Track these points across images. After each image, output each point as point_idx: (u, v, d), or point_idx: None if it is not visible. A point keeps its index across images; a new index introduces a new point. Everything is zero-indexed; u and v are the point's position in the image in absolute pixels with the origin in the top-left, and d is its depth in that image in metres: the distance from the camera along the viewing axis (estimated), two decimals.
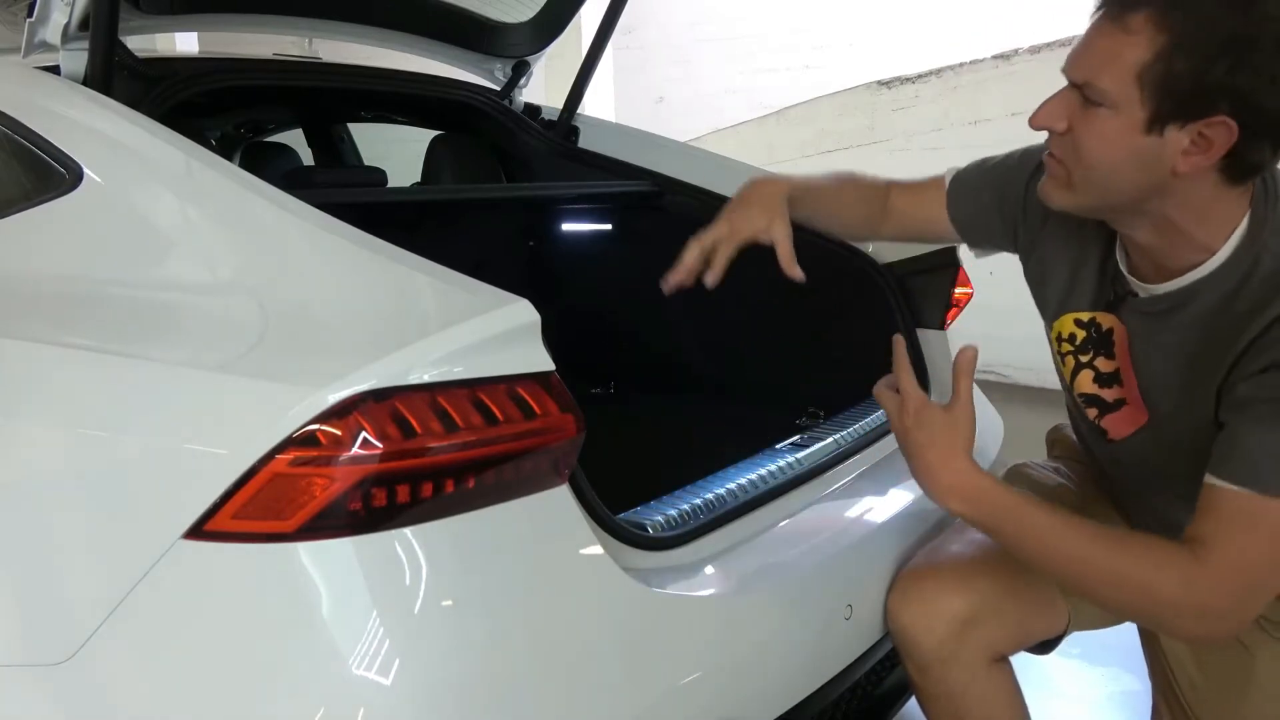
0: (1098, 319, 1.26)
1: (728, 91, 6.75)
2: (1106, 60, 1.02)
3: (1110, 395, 1.27)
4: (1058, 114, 1.08)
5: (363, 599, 0.92)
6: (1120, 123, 1.03)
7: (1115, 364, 1.25)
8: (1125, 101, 1.01)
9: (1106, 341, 1.26)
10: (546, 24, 2.34)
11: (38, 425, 1.13)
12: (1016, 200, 1.36)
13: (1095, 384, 1.28)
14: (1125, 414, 1.26)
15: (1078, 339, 1.29)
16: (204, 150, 1.26)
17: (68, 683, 1.00)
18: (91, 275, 1.25)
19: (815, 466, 1.51)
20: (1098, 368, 1.28)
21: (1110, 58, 1.01)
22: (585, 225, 2.55)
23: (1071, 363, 1.31)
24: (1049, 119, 1.09)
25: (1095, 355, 1.27)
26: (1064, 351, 1.32)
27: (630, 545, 1.15)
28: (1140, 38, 0.99)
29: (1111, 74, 1.01)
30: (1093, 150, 1.06)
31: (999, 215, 1.39)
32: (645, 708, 1.07)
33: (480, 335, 0.95)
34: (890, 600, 1.33)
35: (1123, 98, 1.01)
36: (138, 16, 1.71)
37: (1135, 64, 1.00)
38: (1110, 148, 1.05)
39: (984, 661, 1.29)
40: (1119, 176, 1.07)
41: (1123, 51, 1.00)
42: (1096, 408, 1.29)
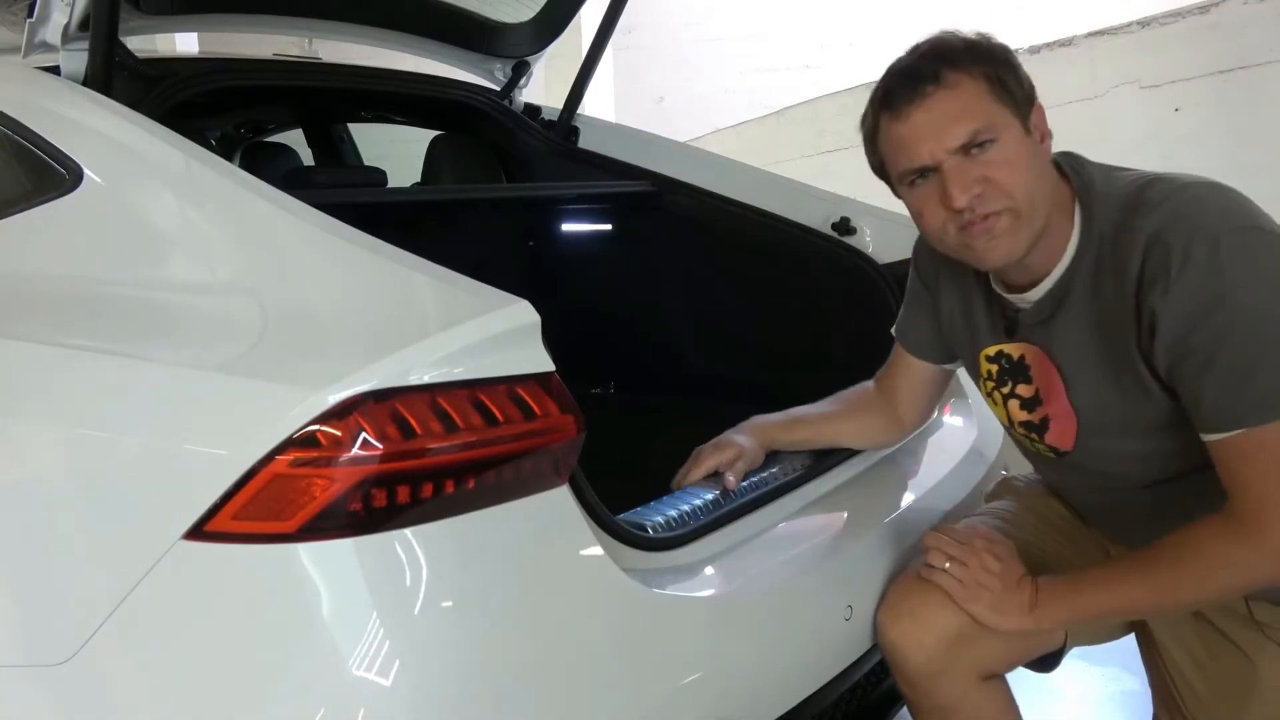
0: (1004, 350, 1.32)
1: (728, 91, 6.74)
2: (966, 110, 1.13)
3: (1037, 416, 1.31)
4: (965, 186, 1.14)
5: (363, 599, 0.92)
6: (1012, 140, 1.14)
7: (1033, 386, 1.30)
8: (1003, 122, 1.13)
9: (1020, 368, 1.31)
10: (546, 24, 2.34)
11: (38, 426, 1.13)
12: (921, 289, 1.46)
13: (1024, 410, 1.33)
14: (1057, 427, 1.29)
15: (994, 374, 1.35)
16: (204, 150, 1.26)
17: (68, 683, 1.00)
18: (91, 275, 1.25)
19: (815, 467, 1.51)
20: (1020, 395, 1.32)
21: (966, 107, 1.13)
22: (585, 225, 2.55)
23: (1000, 397, 1.36)
24: (964, 192, 1.14)
25: (1014, 384, 1.32)
26: (990, 390, 1.37)
27: (630, 546, 1.15)
28: (966, 80, 1.13)
29: (979, 112, 1.13)
30: (1017, 172, 1.14)
31: (926, 314, 1.46)
32: (645, 708, 1.07)
33: (480, 336, 0.95)
34: (880, 615, 1.32)
35: (999, 120, 1.13)
36: (138, 16, 1.71)
37: (985, 94, 1.13)
38: (1023, 164, 1.14)
39: (974, 677, 1.29)
40: (1040, 183, 1.16)
41: (971, 96, 1.13)
42: (1035, 432, 1.33)
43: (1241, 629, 1.25)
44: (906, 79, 1.15)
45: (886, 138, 1.19)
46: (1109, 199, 1.17)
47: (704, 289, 2.30)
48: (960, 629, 1.25)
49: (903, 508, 1.51)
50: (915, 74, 1.15)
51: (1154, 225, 1.10)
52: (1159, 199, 1.12)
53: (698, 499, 1.34)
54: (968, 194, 1.13)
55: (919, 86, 1.14)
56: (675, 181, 2.24)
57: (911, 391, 1.53)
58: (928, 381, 1.53)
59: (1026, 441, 1.37)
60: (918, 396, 1.54)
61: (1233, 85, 4.30)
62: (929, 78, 1.13)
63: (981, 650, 1.27)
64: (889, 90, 1.17)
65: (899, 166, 1.19)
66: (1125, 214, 1.15)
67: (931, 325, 1.46)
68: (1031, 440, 1.35)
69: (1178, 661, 1.32)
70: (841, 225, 2.01)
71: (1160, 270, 1.08)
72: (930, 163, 1.15)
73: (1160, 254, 1.09)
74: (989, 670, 1.31)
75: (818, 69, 6.37)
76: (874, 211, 2.02)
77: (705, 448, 1.44)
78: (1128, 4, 4.51)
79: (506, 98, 2.44)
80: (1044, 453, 1.34)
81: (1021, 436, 1.37)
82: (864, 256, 1.96)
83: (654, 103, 6.92)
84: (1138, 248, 1.11)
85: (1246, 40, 4.25)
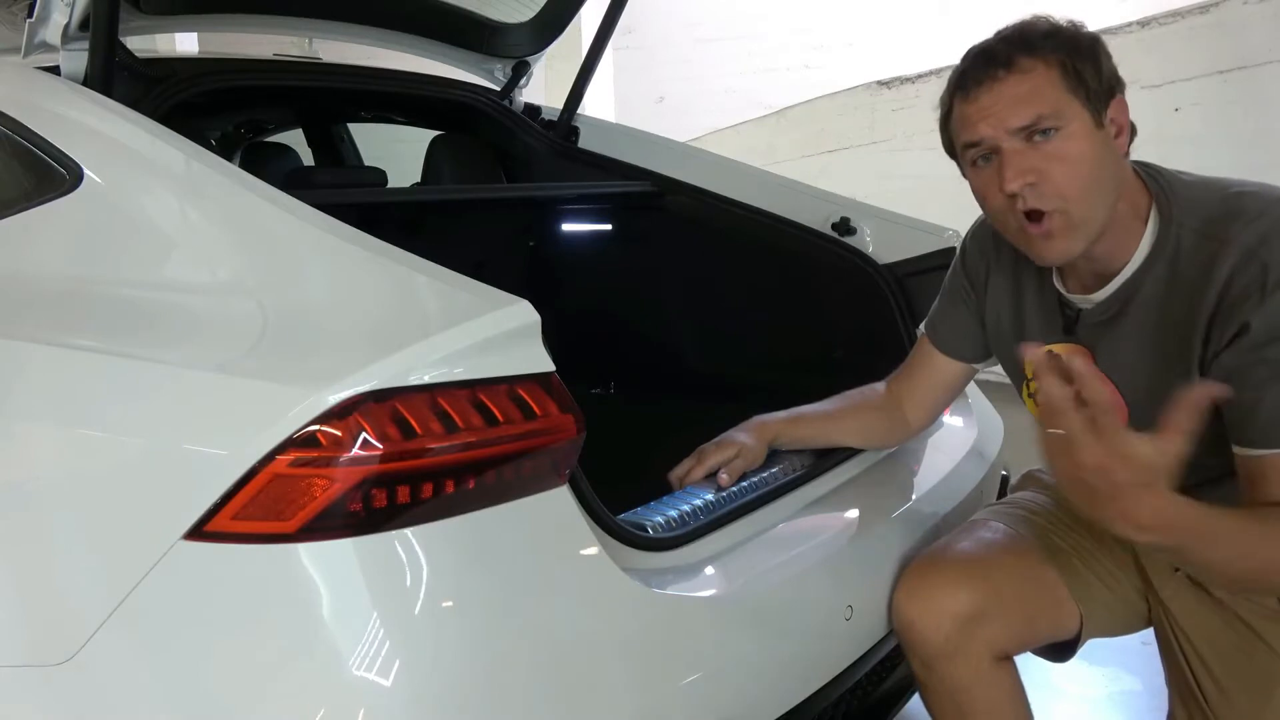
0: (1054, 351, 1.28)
1: (728, 91, 6.74)
2: (1035, 94, 1.11)
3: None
4: (1020, 171, 1.12)
5: (363, 600, 0.92)
6: (1078, 132, 1.12)
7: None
8: (1071, 112, 1.11)
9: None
10: (546, 24, 2.34)
11: (38, 426, 1.13)
12: (966, 289, 1.44)
13: None
14: None
15: None
16: (204, 151, 1.26)
17: (68, 683, 1.00)
18: (91, 275, 1.25)
19: (816, 467, 1.51)
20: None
21: (1036, 91, 1.11)
22: (585, 225, 2.55)
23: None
24: (1019, 178, 1.12)
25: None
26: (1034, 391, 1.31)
27: (630, 546, 1.15)
28: (1040, 67, 1.12)
29: (1048, 99, 1.11)
30: (1076, 169, 1.12)
31: (970, 313, 1.44)
32: (645, 708, 1.07)
33: (480, 336, 0.95)
34: (896, 596, 1.33)
35: (1068, 110, 1.11)
36: (138, 16, 1.71)
37: (1058, 81, 1.11)
38: (1086, 157, 1.12)
39: (989, 659, 1.29)
40: (1104, 179, 1.13)
41: (1041, 82, 1.11)
42: None
43: (1271, 624, 1.25)
44: (981, 61, 1.15)
45: (956, 117, 1.19)
46: (1191, 206, 1.16)
47: (704, 289, 2.30)
48: (975, 609, 1.26)
49: (903, 508, 1.51)
50: (990, 56, 1.15)
51: (1251, 238, 1.09)
52: (1256, 211, 1.11)
53: (698, 499, 1.34)
54: (1020, 180, 1.12)
55: (991, 69, 1.14)
56: (675, 181, 2.24)
57: (929, 391, 1.53)
58: (949, 381, 1.52)
59: None
60: (933, 396, 1.54)
61: (1233, 85, 4.30)
62: (1002, 61, 1.13)
63: (996, 630, 1.28)
64: (964, 71, 1.17)
65: (961, 141, 1.19)
66: (1212, 224, 1.13)
67: (972, 322, 1.44)
68: None
69: (1202, 655, 1.31)
70: (841, 225, 2.01)
71: (1255, 283, 1.07)
72: (990, 140, 1.14)
73: (1257, 268, 1.07)
74: (1003, 651, 1.31)
75: (818, 69, 6.37)
76: (874, 211, 2.02)
77: (707, 446, 1.45)
78: (1128, 4, 4.51)
79: (506, 98, 2.44)
80: None
81: None
82: (864, 256, 1.96)
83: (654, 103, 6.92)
84: (1228, 259, 1.09)
85: (1246, 40, 4.26)
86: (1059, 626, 1.36)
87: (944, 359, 1.50)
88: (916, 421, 1.56)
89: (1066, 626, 1.36)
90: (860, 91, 5.48)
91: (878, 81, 5.39)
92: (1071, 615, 1.36)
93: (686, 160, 2.28)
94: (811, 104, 5.72)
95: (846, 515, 1.50)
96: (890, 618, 1.35)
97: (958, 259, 1.48)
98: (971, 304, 1.45)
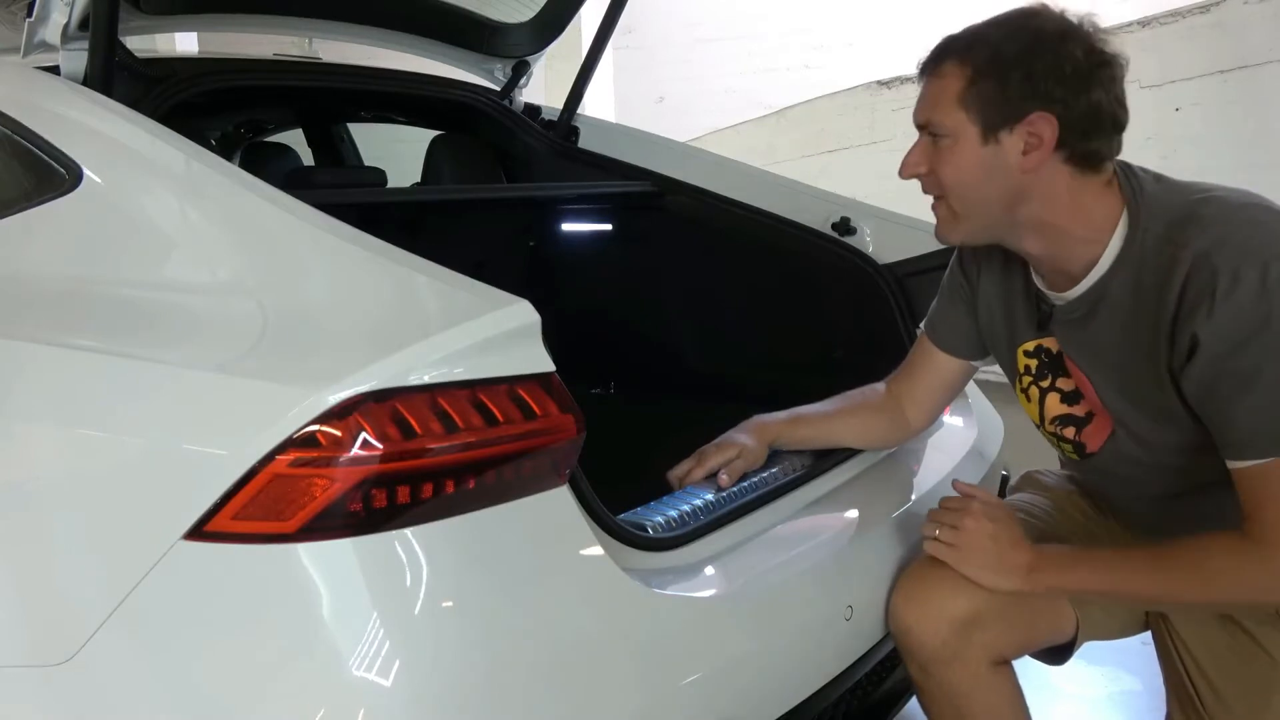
0: (1043, 344, 1.34)
1: (728, 91, 6.74)
2: (936, 100, 1.21)
3: (1081, 410, 1.32)
4: (917, 160, 1.25)
5: (363, 600, 0.92)
6: (962, 144, 1.20)
7: (1073, 381, 1.31)
8: (958, 125, 1.19)
9: (1059, 362, 1.32)
10: (546, 24, 2.34)
11: (38, 425, 1.13)
12: (961, 284, 1.47)
13: (1064, 404, 1.33)
14: (1096, 424, 1.31)
15: (1033, 368, 1.36)
16: (204, 150, 1.26)
17: (68, 683, 1.00)
18: (91, 275, 1.25)
19: (816, 467, 1.51)
20: (1060, 388, 1.33)
21: (938, 97, 1.21)
22: (585, 225, 2.55)
23: (1037, 392, 1.36)
24: (912, 166, 1.25)
25: (1054, 377, 1.33)
26: (1026, 386, 1.38)
27: (630, 546, 1.15)
28: (952, 76, 1.20)
29: (942, 108, 1.20)
30: (952, 175, 1.22)
31: (967, 310, 1.46)
32: (645, 708, 1.07)
33: (481, 336, 0.95)
34: (893, 600, 1.33)
35: (955, 123, 1.19)
36: (138, 16, 1.71)
37: (956, 94, 1.19)
38: (963, 167, 1.20)
39: (987, 663, 1.29)
40: (982, 190, 1.21)
41: (945, 89, 1.20)
42: (1073, 425, 1.33)
43: (1271, 632, 1.25)
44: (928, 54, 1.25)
45: None
46: (1156, 211, 1.17)
47: (704, 289, 2.30)
48: (973, 613, 1.26)
49: (903, 508, 1.51)
50: (931, 53, 1.24)
51: (1203, 245, 1.10)
52: (1211, 218, 1.12)
53: (698, 499, 1.34)
54: (911, 169, 1.25)
55: (925, 64, 1.25)
56: (675, 181, 2.24)
57: (929, 390, 1.53)
58: (949, 380, 1.53)
59: (1056, 440, 1.38)
60: (933, 396, 1.54)
61: (1233, 85, 4.30)
62: (931, 60, 1.23)
63: (993, 635, 1.28)
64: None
65: None
66: (1173, 229, 1.14)
67: (968, 319, 1.46)
68: (1062, 439, 1.35)
69: (1199, 661, 1.32)
70: (841, 225, 2.01)
71: (1205, 292, 1.08)
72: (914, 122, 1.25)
73: (1207, 275, 1.08)
74: (1000, 656, 1.31)
75: (817, 69, 6.37)
76: (874, 211, 2.03)
77: (708, 447, 1.45)
78: (1128, 4, 4.51)
79: (506, 98, 2.44)
80: (1069, 454, 1.35)
81: (1052, 434, 1.37)
82: (864, 256, 1.96)
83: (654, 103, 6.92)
84: (1183, 265, 1.11)
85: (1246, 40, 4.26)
86: (1056, 630, 1.36)
87: (944, 357, 1.50)
88: (917, 421, 1.56)
89: (1063, 630, 1.36)
90: (860, 91, 5.48)
91: (878, 81, 5.39)
92: (1068, 619, 1.36)
93: (686, 160, 2.28)
94: (811, 104, 5.72)
95: (846, 515, 1.50)
96: (888, 621, 1.34)
97: (955, 257, 1.50)
98: (968, 301, 1.46)
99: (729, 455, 1.42)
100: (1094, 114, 1.16)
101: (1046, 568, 1.23)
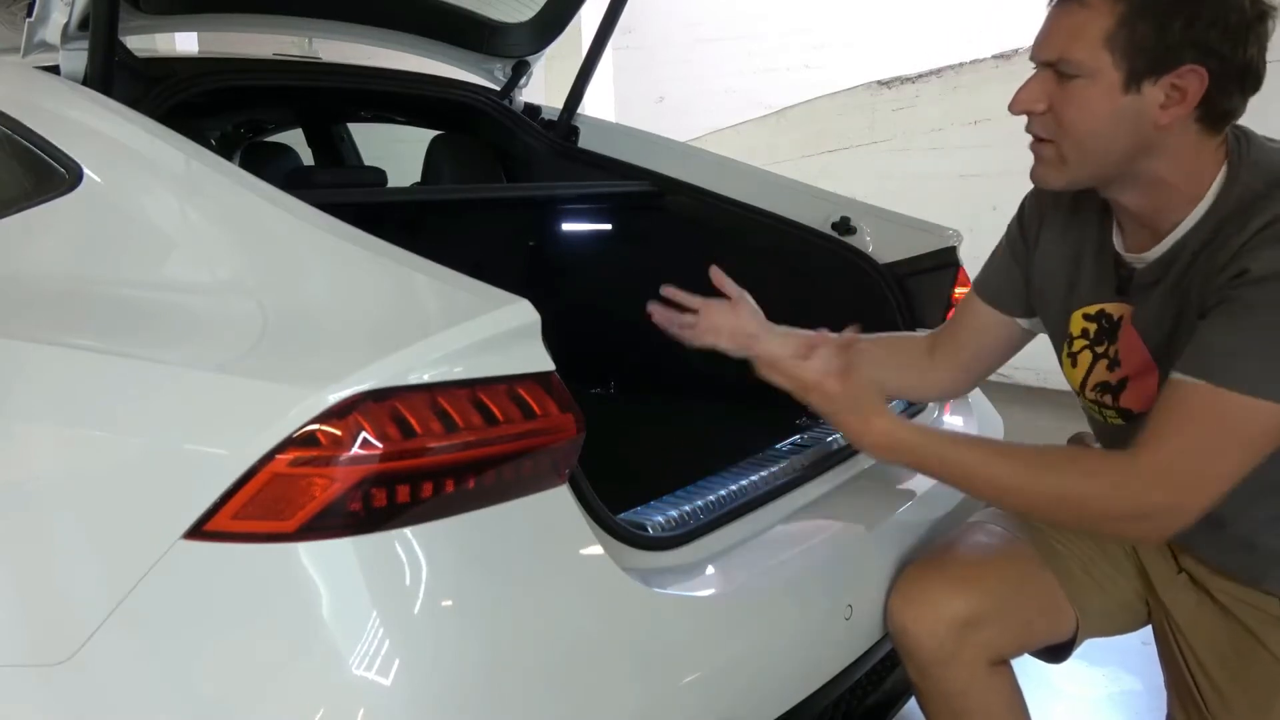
0: (1106, 310, 1.29)
1: (728, 91, 6.75)
2: (1074, 35, 1.10)
3: (1115, 378, 1.29)
4: (1035, 96, 1.14)
5: (363, 599, 0.92)
6: (1099, 88, 1.10)
7: (1117, 347, 1.28)
8: (1099, 67, 1.09)
9: (1115, 328, 1.28)
10: (546, 24, 2.34)
11: (38, 425, 1.13)
12: (1018, 239, 1.41)
13: (1109, 371, 1.30)
14: (1135, 389, 1.27)
15: (1090, 333, 1.31)
16: (204, 150, 1.26)
17: (68, 683, 1.00)
18: (91, 275, 1.25)
19: (815, 466, 1.51)
20: (1111, 355, 1.29)
21: (1077, 32, 1.10)
22: (585, 225, 2.55)
23: (1089, 357, 1.32)
24: (1028, 102, 1.15)
25: (1109, 344, 1.29)
26: (1078, 350, 1.33)
27: (630, 545, 1.15)
28: (1099, 10, 1.08)
29: (1082, 45, 1.09)
30: (1078, 120, 1.12)
31: (1017, 264, 1.41)
32: (645, 708, 1.07)
33: (480, 335, 0.95)
34: (891, 601, 1.33)
35: (1096, 64, 1.09)
36: (138, 16, 1.71)
37: (1102, 32, 1.08)
38: (1094, 114, 1.11)
39: (985, 663, 1.29)
40: (1108, 140, 1.12)
41: (1088, 24, 1.09)
42: (1109, 394, 1.30)
43: (1272, 629, 1.24)
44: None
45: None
46: (1260, 169, 1.13)
47: (704, 289, 2.30)
48: (971, 614, 1.26)
49: (903, 508, 1.51)
50: None
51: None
52: None
53: (698, 499, 1.34)
54: (1027, 105, 1.15)
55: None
56: (675, 181, 2.24)
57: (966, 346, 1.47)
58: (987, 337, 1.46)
59: (1095, 408, 1.34)
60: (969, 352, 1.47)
61: None
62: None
63: (991, 635, 1.28)
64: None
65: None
66: (1273, 187, 1.10)
67: (1019, 277, 1.40)
68: (1103, 405, 1.32)
69: (1201, 659, 1.31)
70: (841, 225, 2.01)
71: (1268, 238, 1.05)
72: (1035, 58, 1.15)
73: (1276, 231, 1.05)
74: (998, 656, 1.31)
75: (817, 69, 6.38)
76: (874, 211, 2.03)
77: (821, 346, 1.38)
78: None
79: (506, 98, 2.44)
80: (1112, 419, 1.31)
81: (1092, 403, 1.33)
82: (864, 256, 1.96)
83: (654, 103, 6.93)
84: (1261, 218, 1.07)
85: None
86: (1055, 629, 1.36)
87: (987, 310, 1.44)
88: (950, 380, 1.50)
89: (1063, 629, 1.36)
90: (860, 91, 5.48)
91: (878, 81, 5.39)
92: (1067, 618, 1.35)
93: (686, 160, 2.28)
94: (811, 104, 5.73)
95: (846, 515, 1.50)
96: (885, 622, 1.34)
97: (1015, 217, 1.44)
98: (1021, 260, 1.41)
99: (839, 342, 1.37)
100: (1244, 71, 1.08)
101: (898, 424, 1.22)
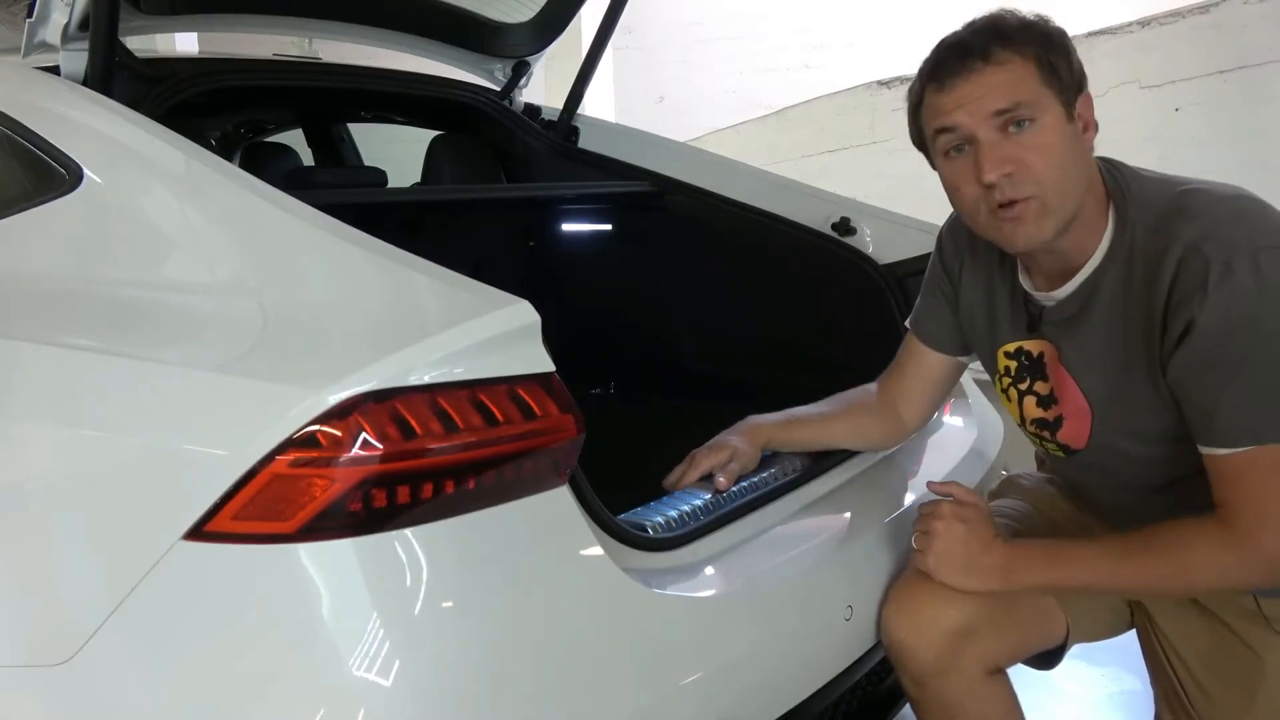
0: (1024, 346, 1.33)
1: (728, 91, 6.74)
2: (1013, 84, 1.13)
3: (1052, 414, 1.32)
4: (998, 162, 1.14)
5: (363, 600, 0.92)
6: (1051, 122, 1.14)
7: (1049, 385, 1.31)
8: (1046, 103, 1.13)
9: (1038, 365, 1.31)
10: (546, 24, 2.34)
11: (38, 425, 1.13)
12: (943, 277, 1.45)
13: (1039, 408, 1.33)
14: (1070, 426, 1.30)
15: (1012, 370, 1.35)
16: (204, 150, 1.26)
17: (68, 683, 1.00)
18: (91, 275, 1.25)
19: (816, 467, 1.51)
20: (1038, 392, 1.33)
21: (1014, 81, 1.13)
22: (585, 225, 2.55)
23: (1015, 394, 1.36)
24: (996, 167, 1.14)
25: (1032, 381, 1.33)
26: (1005, 387, 1.38)
27: (630, 546, 1.15)
28: (1016, 60, 1.14)
29: (1025, 90, 1.13)
30: (1046, 161, 1.13)
31: (945, 302, 1.45)
32: (645, 708, 1.07)
33: (480, 336, 0.95)
34: (884, 613, 1.32)
35: (1043, 101, 1.13)
36: (138, 16, 1.71)
37: (1033, 74, 1.13)
38: (1060, 148, 1.14)
39: (980, 673, 1.29)
40: (1076, 170, 1.16)
41: (1018, 72, 1.13)
42: (1047, 429, 1.33)
43: (1250, 625, 1.25)
44: (956, 53, 1.16)
45: (928, 108, 1.19)
46: (1144, 203, 1.17)
47: (704, 289, 2.30)
48: (965, 624, 1.26)
49: (902, 508, 1.51)
50: (965, 48, 1.15)
51: (1193, 234, 1.10)
52: (1200, 209, 1.12)
53: (697, 499, 1.34)
54: (998, 170, 1.13)
55: (968, 61, 1.14)
56: (675, 182, 2.24)
57: (920, 387, 1.51)
58: (937, 376, 1.51)
59: (1037, 440, 1.37)
60: (925, 393, 1.52)
61: (1233, 85, 4.30)
62: (979, 53, 1.14)
63: (986, 645, 1.28)
64: (938, 62, 1.17)
65: (933, 128, 1.19)
66: (1162, 220, 1.14)
67: (950, 315, 1.44)
68: (1043, 439, 1.35)
69: (1184, 658, 1.32)
70: (841, 225, 2.01)
71: (1198, 280, 1.08)
72: (966, 129, 1.15)
73: (1199, 264, 1.08)
74: (994, 665, 1.31)
75: (817, 69, 6.38)
76: (874, 211, 2.02)
77: (700, 450, 1.43)
78: (1128, 4, 4.51)
79: (506, 98, 2.44)
80: (1054, 451, 1.35)
81: (1033, 435, 1.37)
82: (864, 256, 1.96)
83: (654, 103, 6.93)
84: (1173, 256, 1.10)
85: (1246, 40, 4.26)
86: (1047, 635, 1.36)
87: (929, 353, 1.49)
88: (911, 421, 1.54)
89: (1054, 634, 1.36)
90: (860, 91, 5.48)
91: (878, 81, 5.39)
92: (1059, 624, 1.35)
93: (686, 160, 2.28)
94: (811, 104, 5.72)
95: (846, 515, 1.50)
96: (879, 634, 1.33)
97: (935, 253, 1.47)
98: (948, 295, 1.44)
99: (721, 457, 1.41)
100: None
101: (1023, 565, 1.23)
